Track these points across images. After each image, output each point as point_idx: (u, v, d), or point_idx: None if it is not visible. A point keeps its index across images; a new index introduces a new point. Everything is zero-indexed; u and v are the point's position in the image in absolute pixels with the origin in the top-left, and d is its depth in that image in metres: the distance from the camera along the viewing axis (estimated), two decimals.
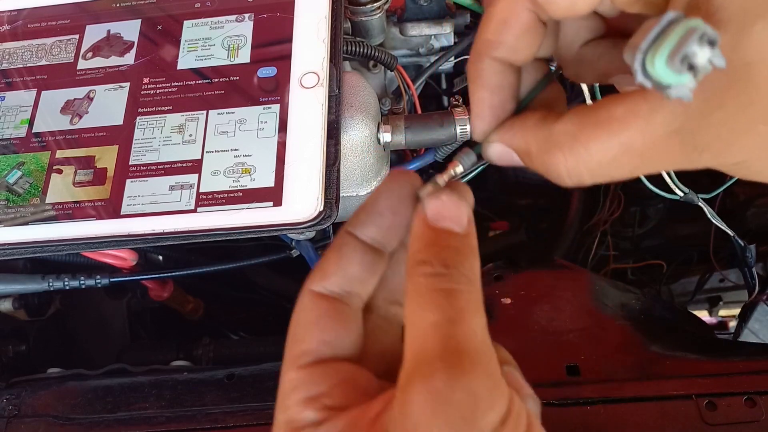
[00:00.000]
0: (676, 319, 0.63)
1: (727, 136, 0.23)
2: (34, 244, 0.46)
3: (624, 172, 0.25)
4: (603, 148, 0.24)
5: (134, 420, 0.51)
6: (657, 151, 0.24)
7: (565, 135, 0.25)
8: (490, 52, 0.27)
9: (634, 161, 0.24)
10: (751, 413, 0.45)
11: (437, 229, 0.25)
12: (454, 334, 0.23)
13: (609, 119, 0.24)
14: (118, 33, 0.53)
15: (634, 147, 0.24)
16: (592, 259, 0.84)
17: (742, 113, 0.22)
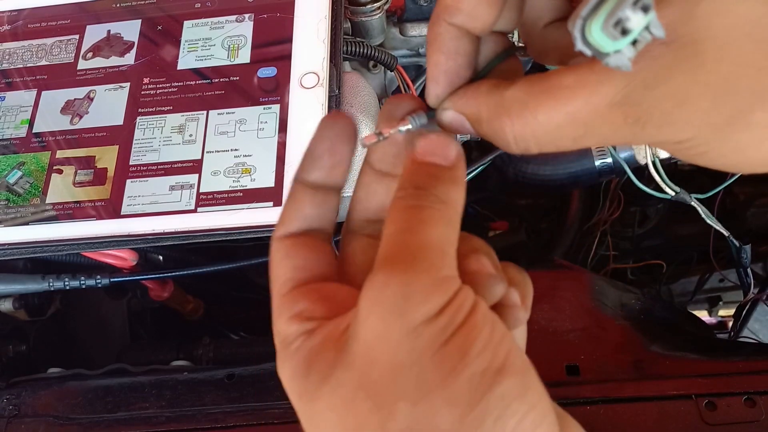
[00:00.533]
0: (676, 319, 0.63)
1: (670, 110, 0.23)
2: (35, 244, 0.46)
3: (568, 142, 0.25)
4: (549, 116, 0.25)
5: (134, 420, 0.51)
6: (601, 121, 0.24)
7: (515, 101, 0.26)
8: (448, 16, 0.27)
9: (578, 130, 0.25)
10: (750, 413, 0.45)
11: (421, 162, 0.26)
12: (405, 240, 0.24)
13: (557, 87, 0.25)
14: (119, 33, 0.53)
15: (579, 116, 0.24)
16: (592, 259, 0.84)
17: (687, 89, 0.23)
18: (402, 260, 0.24)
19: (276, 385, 0.53)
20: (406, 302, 0.23)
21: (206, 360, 0.68)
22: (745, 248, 0.63)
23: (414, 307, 0.23)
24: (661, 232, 0.90)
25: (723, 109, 0.22)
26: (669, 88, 0.23)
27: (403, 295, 0.23)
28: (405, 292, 0.23)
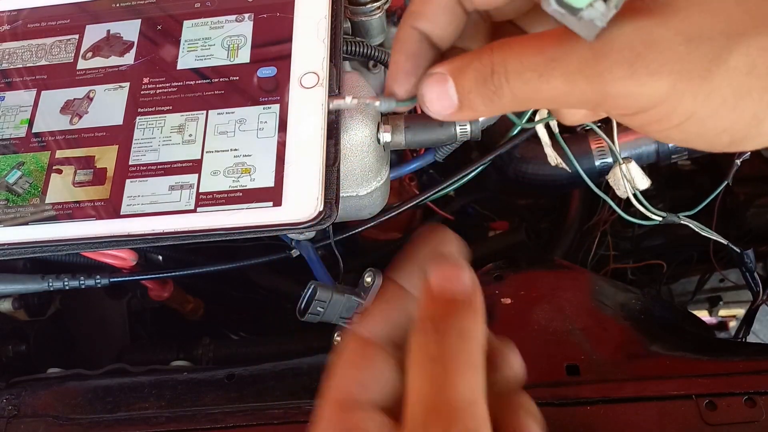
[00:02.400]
0: (676, 319, 0.63)
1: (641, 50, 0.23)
2: (34, 244, 0.46)
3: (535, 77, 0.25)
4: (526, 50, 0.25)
5: (134, 420, 0.51)
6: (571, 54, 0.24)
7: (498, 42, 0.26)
8: (413, 21, 0.28)
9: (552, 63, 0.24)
10: (751, 413, 0.45)
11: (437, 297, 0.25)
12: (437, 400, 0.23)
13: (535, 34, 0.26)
14: (118, 33, 0.53)
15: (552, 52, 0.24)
16: (592, 259, 0.84)
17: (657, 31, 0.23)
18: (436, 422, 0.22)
19: (276, 385, 0.53)
20: None
21: (206, 360, 0.68)
22: (747, 253, 0.63)
23: None
24: (661, 232, 0.90)
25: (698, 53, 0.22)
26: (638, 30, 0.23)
27: None
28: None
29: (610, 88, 0.23)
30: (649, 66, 0.23)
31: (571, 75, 0.24)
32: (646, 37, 0.23)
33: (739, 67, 0.22)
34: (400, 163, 0.64)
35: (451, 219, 0.81)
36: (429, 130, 0.51)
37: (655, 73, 0.23)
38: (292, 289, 0.72)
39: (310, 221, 0.43)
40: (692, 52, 0.22)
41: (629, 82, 0.23)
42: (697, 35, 0.22)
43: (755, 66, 0.22)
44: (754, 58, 0.22)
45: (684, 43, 0.22)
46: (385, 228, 0.77)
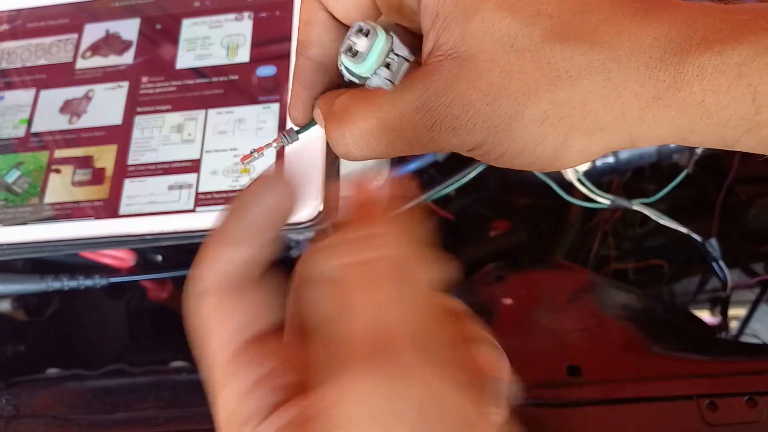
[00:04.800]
0: (678, 320, 0.63)
1: (458, 114, 0.27)
2: (33, 244, 0.46)
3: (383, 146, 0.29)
4: (365, 119, 0.28)
5: (133, 420, 0.50)
6: (407, 126, 0.28)
7: (341, 105, 0.29)
8: (303, 51, 0.31)
9: (390, 134, 0.28)
10: (752, 413, 0.44)
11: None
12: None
13: (373, 95, 0.28)
14: (117, 32, 0.53)
15: (389, 121, 0.28)
16: (593, 259, 0.84)
17: (469, 95, 0.26)
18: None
19: None
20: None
21: None
22: (710, 242, 0.62)
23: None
24: (662, 232, 0.90)
25: (500, 111, 0.26)
26: (455, 94, 0.26)
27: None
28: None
29: (441, 146, 0.28)
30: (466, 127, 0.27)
31: (409, 142, 0.28)
32: (463, 101, 0.26)
33: (534, 118, 0.26)
34: (401, 163, 0.63)
35: (451, 219, 0.81)
36: None
37: (471, 131, 0.27)
38: None
39: (310, 221, 0.43)
40: (495, 110, 0.26)
41: (455, 141, 0.28)
42: (499, 95, 0.26)
43: (546, 117, 0.26)
44: (545, 110, 0.26)
45: (490, 103, 0.26)
46: None
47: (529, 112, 0.26)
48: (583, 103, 0.26)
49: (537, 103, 0.26)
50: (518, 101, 0.26)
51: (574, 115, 0.26)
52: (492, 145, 0.27)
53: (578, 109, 0.26)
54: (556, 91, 0.25)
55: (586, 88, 0.25)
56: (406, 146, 0.28)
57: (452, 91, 0.27)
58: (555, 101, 0.26)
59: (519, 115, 0.26)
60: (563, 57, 0.25)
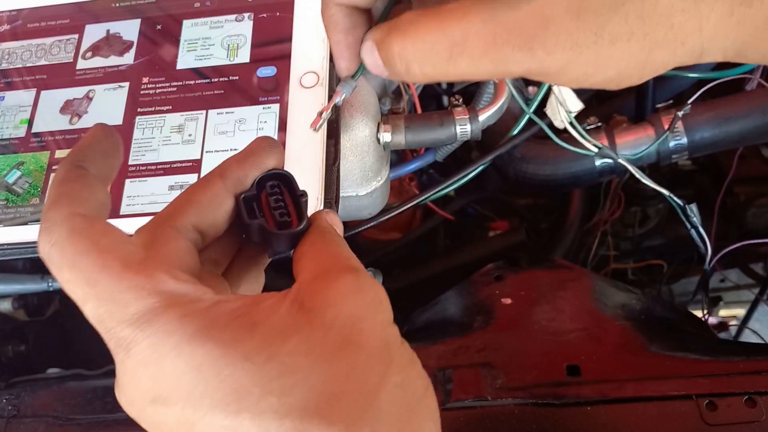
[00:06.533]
0: (677, 319, 0.63)
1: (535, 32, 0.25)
2: (34, 244, 0.46)
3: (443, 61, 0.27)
4: (431, 31, 0.27)
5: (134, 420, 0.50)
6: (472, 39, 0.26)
7: (406, 20, 0.28)
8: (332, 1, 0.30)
9: (453, 48, 0.26)
10: (751, 413, 0.44)
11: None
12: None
13: (442, 10, 0.27)
14: (118, 33, 0.53)
15: (455, 33, 0.26)
16: (592, 259, 0.84)
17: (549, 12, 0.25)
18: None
19: None
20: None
21: None
22: (691, 207, 0.62)
23: None
24: (661, 232, 0.90)
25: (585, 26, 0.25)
26: (531, 9, 0.25)
27: None
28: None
29: (512, 68, 0.26)
30: (546, 46, 0.25)
31: (476, 59, 0.26)
32: (539, 17, 0.25)
33: (621, 34, 0.25)
34: (400, 163, 0.64)
35: (451, 219, 0.81)
36: (429, 130, 0.51)
37: (551, 52, 0.25)
38: None
39: None
40: (580, 26, 0.25)
41: (530, 62, 0.26)
42: (583, 9, 0.25)
43: (633, 32, 0.25)
44: (632, 24, 0.25)
45: (573, 19, 0.25)
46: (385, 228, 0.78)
47: (617, 28, 0.25)
48: (667, 17, 0.25)
49: (624, 16, 0.25)
50: (605, 15, 0.25)
51: (659, 30, 0.25)
52: (574, 66, 0.26)
53: (662, 23, 0.25)
54: (643, 4, 0.25)
55: (670, 1, 0.25)
56: (471, 65, 0.27)
57: (528, 4, 0.25)
58: (642, 15, 0.25)
59: (605, 31, 0.25)
60: None
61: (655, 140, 0.64)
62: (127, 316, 0.24)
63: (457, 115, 0.51)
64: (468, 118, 0.51)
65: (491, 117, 0.53)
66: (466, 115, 0.51)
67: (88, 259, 0.25)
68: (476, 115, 0.51)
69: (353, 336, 0.25)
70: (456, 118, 0.51)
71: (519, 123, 0.62)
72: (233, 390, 0.23)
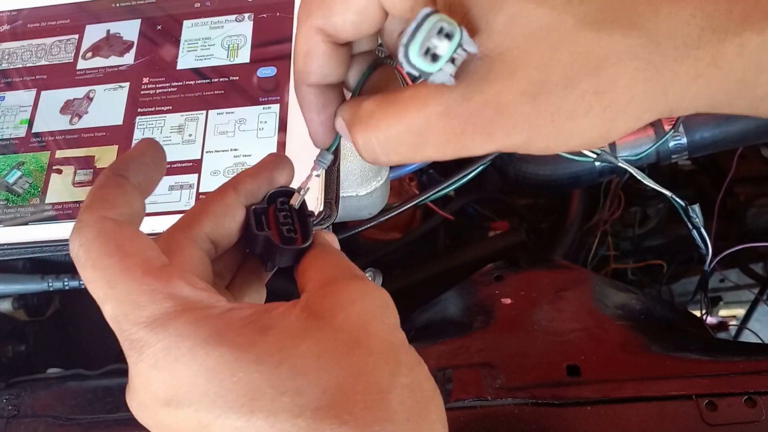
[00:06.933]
0: (677, 319, 0.63)
1: (491, 117, 0.25)
2: (34, 244, 0.46)
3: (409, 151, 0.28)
4: (390, 125, 0.27)
5: (134, 420, 0.50)
6: (434, 131, 0.27)
7: (366, 111, 0.28)
8: (304, 80, 0.30)
9: (415, 139, 0.27)
10: (751, 413, 0.44)
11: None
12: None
13: (399, 100, 0.27)
14: (118, 33, 0.53)
15: (414, 126, 0.27)
16: (592, 259, 0.84)
17: (503, 97, 0.25)
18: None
19: None
20: None
21: None
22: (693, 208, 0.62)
23: None
24: (661, 232, 0.90)
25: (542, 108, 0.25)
26: (485, 97, 0.25)
27: None
28: None
29: (476, 151, 0.27)
30: (504, 130, 0.26)
31: (439, 146, 0.27)
32: (494, 104, 0.25)
33: (578, 110, 0.25)
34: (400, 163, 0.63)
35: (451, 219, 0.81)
36: None
37: (510, 134, 0.26)
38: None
39: None
40: (535, 108, 0.25)
41: (491, 145, 0.26)
42: (538, 92, 0.25)
43: (591, 107, 0.25)
44: (589, 101, 0.25)
45: (528, 102, 0.25)
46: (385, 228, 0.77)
47: (573, 105, 0.25)
48: (627, 89, 0.25)
49: (580, 94, 0.25)
50: (560, 96, 0.25)
51: (620, 101, 0.25)
52: (535, 142, 0.26)
53: (623, 94, 0.25)
54: (599, 80, 0.25)
55: (629, 74, 0.24)
56: (435, 152, 0.27)
57: (481, 93, 0.25)
58: (598, 90, 0.25)
59: (562, 110, 0.25)
60: (601, 44, 0.24)
61: (655, 141, 0.64)
62: (141, 319, 0.25)
63: None
64: None
65: None
66: None
67: (111, 261, 0.26)
68: None
69: (362, 338, 0.25)
70: None
71: None
72: (247, 391, 0.24)
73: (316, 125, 0.32)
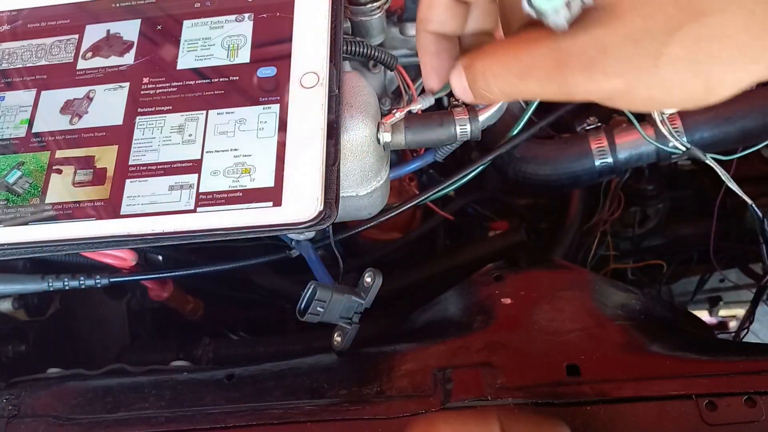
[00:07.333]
0: (676, 319, 0.63)
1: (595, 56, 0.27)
2: (34, 244, 0.46)
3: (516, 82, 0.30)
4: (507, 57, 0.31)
5: (134, 420, 0.51)
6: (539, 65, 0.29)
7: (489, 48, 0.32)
8: (424, 27, 0.35)
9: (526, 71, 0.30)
10: (751, 413, 0.45)
11: None
12: None
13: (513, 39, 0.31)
14: (118, 33, 0.53)
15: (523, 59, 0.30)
16: (592, 259, 0.84)
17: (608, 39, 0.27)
18: None
19: (276, 385, 0.53)
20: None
21: (206, 360, 0.68)
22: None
23: None
24: (661, 232, 0.90)
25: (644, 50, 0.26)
26: (589, 38, 0.27)
27: None
28: None
29: (574, 89, 0.29)
30: (605, 70, 0.27)
31: (542, 80, 0.29)
32: (599, 45, 0.27)
33: (681, 56, 0.26)
34: (400, 163, 0.64)
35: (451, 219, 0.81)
36: (429, 130, 0.51)
37: (610, 75, 0.27)
38: (291, 289, 0.72)
39: (310, 221, 0.43)
40: (639, 51, 0.27)
41: (590, 85, 0.28)
42: (641, 36, 0.26)
43: (695, 53, 0.26)
44: (692, 47, 0.26)
45: (631, 44, 0.27)
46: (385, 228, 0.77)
47: (676, 50, 0.26)
48: (730, 38, 0.26)
49: (683, 40, 0.26)
50: (663, 40, 0.26)
51: (724, 50, 0.26)
52: (636, 90, 0.27)
53: (726, 43, 0.26)
54: (701, 27, 0.26)
55: (731, 22, 0.25)
56: (538, 86, 0.29)
57: (586, 35, 0.27)
58: (701, 37, 0.26)
59: (665, 54, 0.26)
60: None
61: (654, 141, 0.64)
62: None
63: (457, 115, 0.51)
64: (468, 118, 0.51)
65: (491, 117, 0.53)
66: (466, 115, 0.51)
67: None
68: (476, 115, 0.51)
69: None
70: (456, 118, 0.51)
71: (519, 123, 0.62)
72: None
73: (429, 69, 0.35)
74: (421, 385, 0.49)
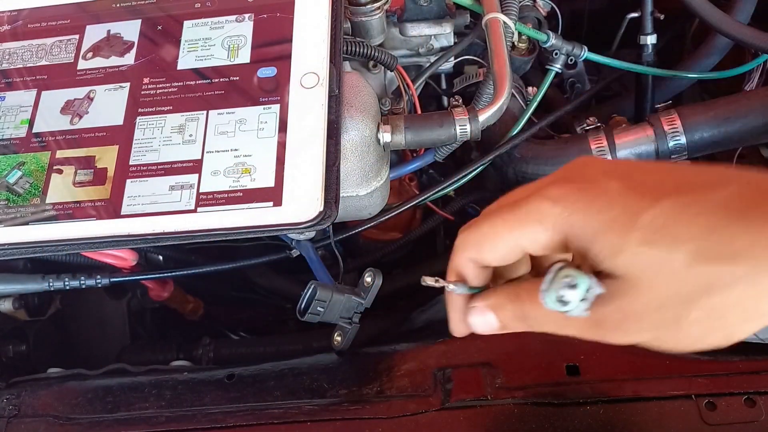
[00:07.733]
0: None
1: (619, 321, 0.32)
2: (34, 244, 0.46)
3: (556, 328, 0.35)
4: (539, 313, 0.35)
5: (134, 420, 0.51)
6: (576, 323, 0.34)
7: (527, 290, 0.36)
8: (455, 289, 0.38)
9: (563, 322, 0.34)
10: (750, 413, 0.45)
11: None
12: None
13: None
14: (118, 33, 0.53)
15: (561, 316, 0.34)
16: None
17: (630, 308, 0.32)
18: None
19: (276, 385, 0.53)
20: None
21: (206, 360, 0.68)
22: None
23: None
24: None
25: (667, 315, 0.31)
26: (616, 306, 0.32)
27: None
28: None
29: (610, 340, 0.33)
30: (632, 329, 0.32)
31: (581, 330, 0.34)
32: (625, 312, 0.32)
33: (699, 319, 0.31)
34: (400, 163, 0.64)
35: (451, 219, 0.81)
36: (429, 130, 0.51)
37: (640, 333, 0.32)
38: (292, 289, 0.72)
39: (310, 221, 0.43)
40: (662, 316, 0.31)
41: (623, 339, 0.33)
42: (661, 304, 0.31)
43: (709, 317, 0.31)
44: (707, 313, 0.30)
45: (654, 311, 0.31)
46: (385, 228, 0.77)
47: (694, 315, 0.31)
48: (737, 306, 0.30)
49: (698, 308, 0.30)
50: (681, 308, 0.31)
51: (735, 314, 0.30)
52: (663, 342, 0.32)
53: (736, 308, 0.30)
54: (711, 299, 0.30)
55: (738, 295, 0.30)
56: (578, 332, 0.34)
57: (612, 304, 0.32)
58: (713, 307, 0.30)
59: (684, 318, 0.31)
60: (709, 274, 0.30)
61: (654, 141, 0.64)
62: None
63: (456, 115, 0.51)
64: (468, 119, 0.51)
65: (491, 117, 0.53)
66: (466, 115, 0.51)
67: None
68: (476, 116, 0.51)
69: None
70: (456, 118, 0.51)
71: (519, 123, 0.62)
72: None
73: (457, 321, 0.39)
74: (421, 384, 0.49)
